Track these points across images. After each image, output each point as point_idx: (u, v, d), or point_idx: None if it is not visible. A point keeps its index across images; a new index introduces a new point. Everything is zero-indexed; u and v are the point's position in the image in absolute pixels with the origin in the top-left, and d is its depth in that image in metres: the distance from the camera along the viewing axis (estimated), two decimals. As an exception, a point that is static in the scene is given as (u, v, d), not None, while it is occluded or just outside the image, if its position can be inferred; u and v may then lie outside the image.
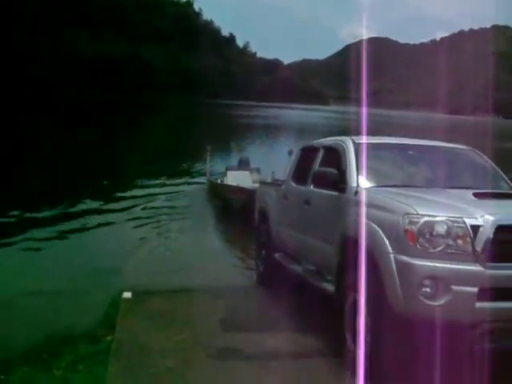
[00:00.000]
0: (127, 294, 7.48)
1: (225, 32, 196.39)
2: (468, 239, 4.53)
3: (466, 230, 4.55)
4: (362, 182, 5.95)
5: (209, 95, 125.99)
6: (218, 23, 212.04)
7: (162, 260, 10.60)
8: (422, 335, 4.48)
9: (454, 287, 4.45)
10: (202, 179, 19.69)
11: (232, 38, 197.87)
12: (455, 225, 4.56)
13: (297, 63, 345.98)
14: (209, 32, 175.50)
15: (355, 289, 5.07)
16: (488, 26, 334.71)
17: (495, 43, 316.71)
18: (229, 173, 15.79)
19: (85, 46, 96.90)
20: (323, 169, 6.47)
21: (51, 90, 70.91)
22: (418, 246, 4.58)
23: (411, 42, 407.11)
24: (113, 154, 26.20)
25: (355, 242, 5.18)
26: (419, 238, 4.58)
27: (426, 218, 4.63)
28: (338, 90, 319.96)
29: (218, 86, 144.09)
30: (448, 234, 4.55)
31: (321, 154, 7.09)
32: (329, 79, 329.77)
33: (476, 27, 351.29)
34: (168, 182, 20.09)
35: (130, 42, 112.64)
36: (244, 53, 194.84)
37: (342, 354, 5.37)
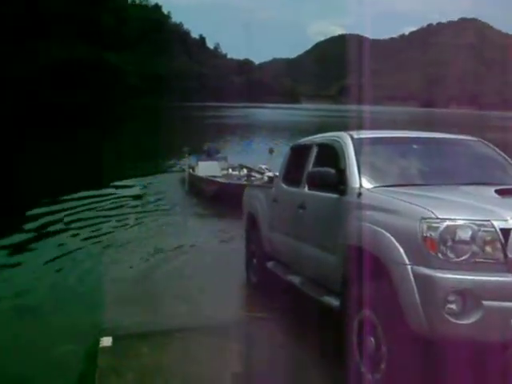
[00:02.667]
0: (107, 341, 5.83)
1: (195, 34, 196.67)
2: (498, 245, 3.95)
3: (496, 234, 3.96)
4: (364, 182, 5.21)
5: (180, 98, 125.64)
6: (187, 26, 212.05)
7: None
8: (447, 359, 3.96)
9: (485, 302, 3.86)
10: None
11: (202, 40, 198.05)
12: (482, 229, 3.96)
13: (267, 63, 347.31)
14: (178, 35, 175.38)
15: (364, 305, 4.47)
16: (455, 18, 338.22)
17: (463, 36, 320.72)
18: (200, 163, 16.98)
19: (48, 50, 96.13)
20: (319, 169, 5.65)
21: (13, 92, 70.07)
22: (440, 256, 3.98)
23: (381, 38, 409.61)
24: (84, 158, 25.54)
25: (362, 251, 4.57)
26: (440, 246, 3.97)
27: (447, 223, 4.00)
28: (308, 88, 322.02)
29: (189, 88, 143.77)
30: (474, 239, 3.95)
31: (314, 152, 6.37)
32: (300, 77, 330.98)
33: (444, 20, 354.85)
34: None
35: (98, 46, 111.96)
36: (215, 54, 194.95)
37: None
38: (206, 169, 16.92)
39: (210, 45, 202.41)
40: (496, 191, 4.73)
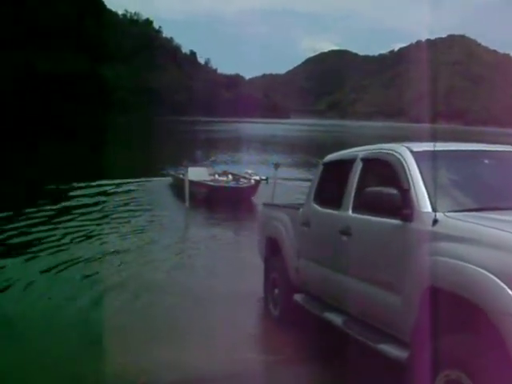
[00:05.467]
0: None
1: (185, 49, 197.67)
2: None
3: None
4: (438, 205, 4.17)
5: (170, 112, 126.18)
6: (178, 41, 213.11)
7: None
8: None
9: None
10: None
11: (193, 55, 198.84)
12: None
13: (258, 78, 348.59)
14: (169, 50, 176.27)
15: (451, 363, 3.53)
16: (444, 35, 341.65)
17: (452, 52, 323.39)
18: (190, 169, 16.92)
19: (41, 62, 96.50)
20: (381, 189, 4.54)
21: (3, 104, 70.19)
22: None
23: (370, 54, 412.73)
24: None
25: (446, 294, 3.67)
26: None
27: None
28: (298, 103, 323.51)
29: (179, 102, 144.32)
30: None
31: (358, 168, 5.38)
32: (289, 93, 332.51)
33: (433, 37, 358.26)
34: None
35: (89, 59, 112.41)
36: (205, 69, 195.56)
37: None
38: (195, 174, 17.55)
39: (201, 60, 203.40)
40: None
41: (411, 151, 4.74)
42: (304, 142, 62.70)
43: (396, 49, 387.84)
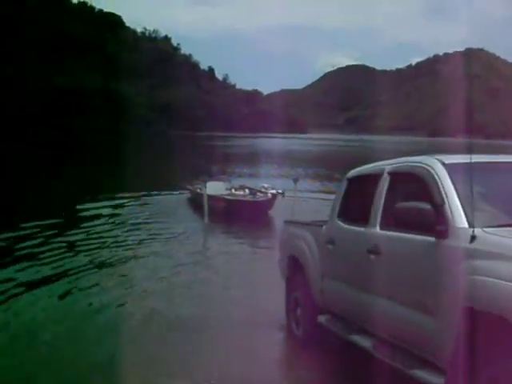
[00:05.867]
0: None
1: (204, 65, 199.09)
2: None
3: None
4: (476, 221, 3.88)
5: (189, 127, 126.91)
6: (196, 57, 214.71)
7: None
8: None
9: None
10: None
11: (211, 71, 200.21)
12: None
13: (276, 93, 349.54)
14: (188, 66, 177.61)
15: None
16: (462, 49, 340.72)
17: (470, 66, 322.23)
18: (208, 183, 17.38)
19: (60, 79, 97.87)
20: (411, 204, 4.22)
21: (20, 122, 71.10)
22: None
23: (388, 68, 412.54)
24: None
25: (487, 315, 3.40)
26: None
27: None
28: (316, 118, 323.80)
29: (197, 118, 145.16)
30: None
31: (386, 182, 5.10)
32: (307, 108, 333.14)
33: (450, 51, 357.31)
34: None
35: (108, 76, 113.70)
36: (223, 85, 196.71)
37: None
38: (213, 188, 17.80)
39: (219, 76, 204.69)
40: None
41: (443, 163, 4.45)
42: (322, 156, 62.67)
43: (413, 63, 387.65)
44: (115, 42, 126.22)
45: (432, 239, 4.05)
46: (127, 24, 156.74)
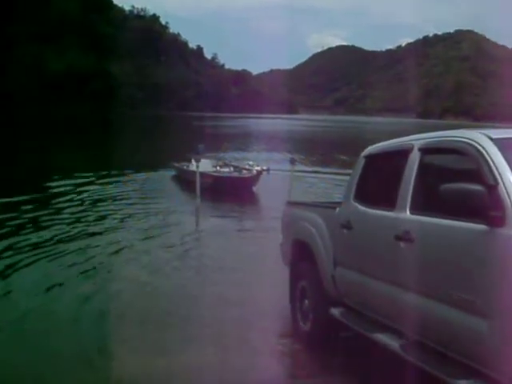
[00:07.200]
0: None
1: (192, 45, 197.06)
2: None
3: None
4: None
5: (178, 107, 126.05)
6: (185, 36, 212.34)
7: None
8: None
9: None
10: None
11: (200, 51, 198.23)
12: None
13: (265, 73, 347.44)
14: (176, 45, 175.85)
15: None
16: (452, 30, 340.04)
17: (459, 47, 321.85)
18: (193, 160, 17.80)
19: (49, 60, 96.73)
20: (459, 186, 3.59)
21: (14, 104, 70.39)
22: None
23: (378, 49, 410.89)
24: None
25: None
26: None
27: None
28: (305, 99, 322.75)
29: (186, 98, 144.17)
30: None
31: (416, 160, 4.44)
32: (297, 88, 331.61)
33: (440, 32, 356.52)
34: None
35: (96, 56, 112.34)
36: (212, 65, 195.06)
37: None
38: (201, 165, 18.02)
39: (208, 55, 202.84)
40: None
41: (491, 138, 3.86)
42: (313, 138, 62.29)
43: (403, 44, 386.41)
44: (103, 20, 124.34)
45: (483, 227, 3.51)
46: (115, 2, 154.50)
